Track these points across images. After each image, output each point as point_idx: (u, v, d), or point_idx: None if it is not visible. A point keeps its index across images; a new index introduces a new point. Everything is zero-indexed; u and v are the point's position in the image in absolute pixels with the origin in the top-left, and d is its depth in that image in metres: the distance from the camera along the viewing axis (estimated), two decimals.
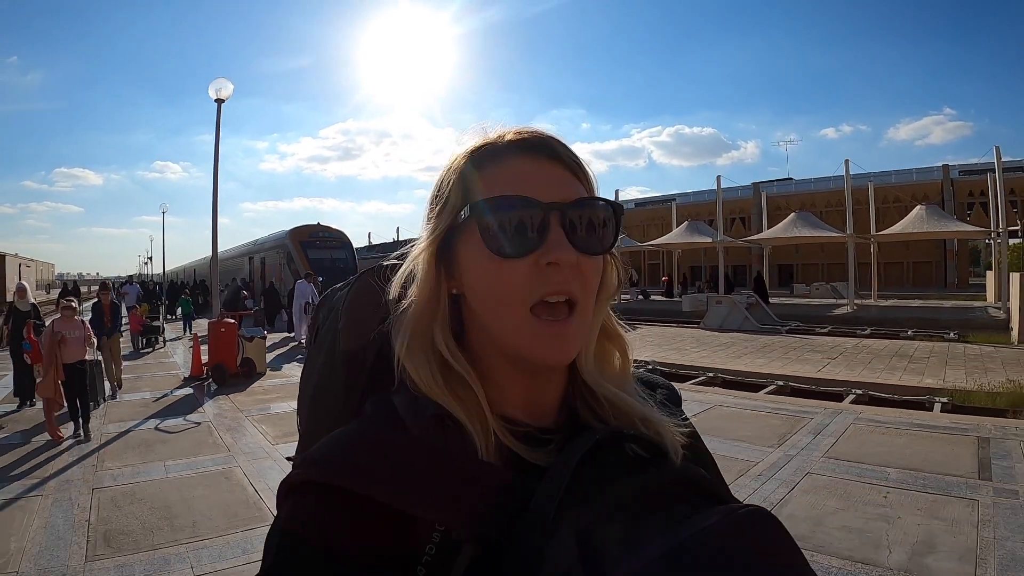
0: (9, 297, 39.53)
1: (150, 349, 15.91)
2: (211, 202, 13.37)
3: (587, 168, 0.73)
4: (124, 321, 13.57)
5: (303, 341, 15.19)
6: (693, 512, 0.61)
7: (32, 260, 59.57)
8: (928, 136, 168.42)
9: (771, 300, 23.82)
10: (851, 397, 9.50)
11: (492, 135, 0.73)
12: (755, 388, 10.38)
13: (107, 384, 9.73)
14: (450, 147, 0.76)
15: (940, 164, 40.30)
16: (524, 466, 0.67)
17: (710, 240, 29.37)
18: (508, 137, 0.71)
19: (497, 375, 0.72)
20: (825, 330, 18.87)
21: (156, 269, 65.94)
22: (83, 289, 45.66)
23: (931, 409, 8.62)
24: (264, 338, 12.32)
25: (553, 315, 0.66)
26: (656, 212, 45.30)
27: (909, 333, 17.57)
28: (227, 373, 10.51)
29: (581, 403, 0.76)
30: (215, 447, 6.91)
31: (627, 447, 0.69)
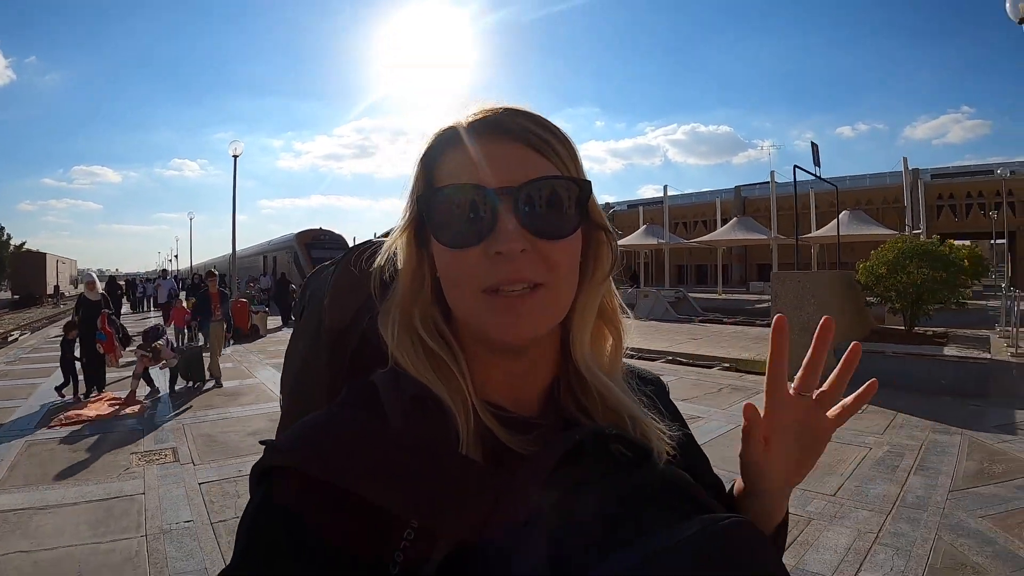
0: (49, 291, 46.79)
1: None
2: (231, 202, 19.96)
3: (555, 142, 0.71)
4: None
5: None
6: (672, 520, 0.62)
7: (67, 258, 67.65)
8: (946, 135, 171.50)
9: (721, 295, 29.21)
10: (662, 360, 13.02)
11: (454, 117, 0.72)
12: None
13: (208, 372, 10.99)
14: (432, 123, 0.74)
15: (912, 168, 44.72)
16: (504, 456, 0.68)
17: (655, 241, 34.81)
18: (466, 119, 0.71)
19: (480, 360, 0.73)
20: (733, 320, 22.63)
21: (182, 265, 73.41)
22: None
23: (710, 368, 12.06)
24: (266, 312, 19.18)
25: (508, 292, 0.66)
26: (649, 212, 49.64)
27: None
28: (241, 333, 16.96)
29: (568, 394, 0.77)
30: (232, 361, 13.02)
31: (612, 447, 0.70)
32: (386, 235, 0.79)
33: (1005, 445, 6.67)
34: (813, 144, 22.86)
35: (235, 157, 18.80)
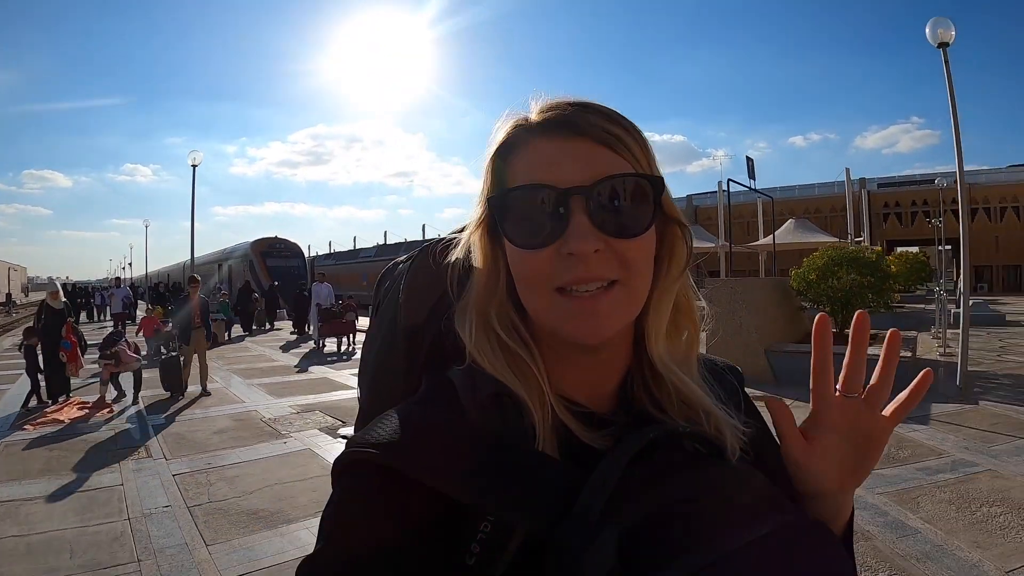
0: (1, 299, 46.55)
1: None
2: (188, 209, 20.44)
3: (628, 138, 0.70)
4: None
5: (322, 344, 17.28)
6: (745, 520, 0.62)
7: (19, 265, 66.16)
8: (896, 144, 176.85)
9: None
10: None
11: (522, 116, 0.72)
12: None
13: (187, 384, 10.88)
14: (496, 123, 0.74)
15: (858, 178, 46.55)
16: (578, 452, 0.67)
17: None
18: (534, 118, 0.71)
19: (555, 356, 0.73)
20: None
21: (136, 273, 72.20)
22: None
23: None
24: (225, 320, 19.33)
25: (581, 292, 0.66)
26: None
27: None
28: None
29: (642, 388, 0.76)
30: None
31: (685, 444, 0.70)
32: (460, 231, 0.80)
33: (914, 434, 7.21)
34: (748, 159, 23.76)
35: (194, 167, 18.79)
